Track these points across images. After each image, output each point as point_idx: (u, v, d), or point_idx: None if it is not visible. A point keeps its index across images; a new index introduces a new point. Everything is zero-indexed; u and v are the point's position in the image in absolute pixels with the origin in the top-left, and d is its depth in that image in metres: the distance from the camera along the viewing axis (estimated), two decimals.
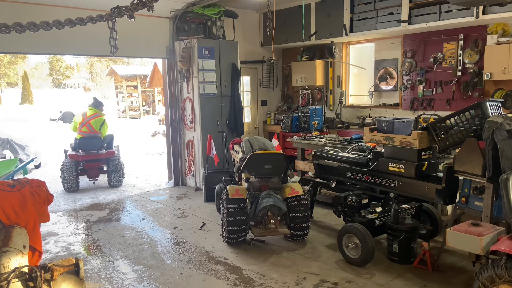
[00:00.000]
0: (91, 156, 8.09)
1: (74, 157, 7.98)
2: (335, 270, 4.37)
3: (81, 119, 8.27)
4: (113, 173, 8.23)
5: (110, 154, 8.21)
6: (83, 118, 8.28)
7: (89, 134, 8.17)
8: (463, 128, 4.09)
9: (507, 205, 3.02)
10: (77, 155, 8.00)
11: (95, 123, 8.29)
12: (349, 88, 8.82)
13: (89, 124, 8.21)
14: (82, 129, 8.20)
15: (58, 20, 2.92)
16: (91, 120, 8.27)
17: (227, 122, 7.87)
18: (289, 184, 5.21)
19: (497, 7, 5.76)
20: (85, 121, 8.24)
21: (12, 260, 2.85)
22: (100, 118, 8.38)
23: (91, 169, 8.24)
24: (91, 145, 8.16)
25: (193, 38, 7.50)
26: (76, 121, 8.34)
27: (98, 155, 8.13)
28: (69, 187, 7.98)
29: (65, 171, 7.92)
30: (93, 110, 8.38)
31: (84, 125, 8.22)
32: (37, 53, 7.15)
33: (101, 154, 8.14)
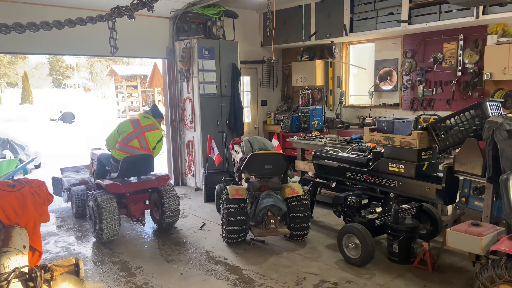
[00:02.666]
0: (140, 185, 5.44)
1: (116, 188, 5.19)
2: (335, 270, 4.37)
3: (130, 128, 5.48)
4: (168, 207, 5.53)
5: (164, 181, 5.61)
6: (133, 127, 5.51)
7: (139, 151, 5.44)
8: (463, 128, 4.09)
9: (507, 205, 3.02)
10: (119, 184, 5.23)
11: (152, 137, 5.56)
12: (349, 88, 8.82)
13: (143, 138, 5.47)
14: (131, 144, 5.41)
15: (58, 20, 2.91)
16: (147, 132, 5.53)
17: (227, 122, 7.87)
18: (289, 184, 5.21)
19: (497, 7, 5.76)
20: (137, 131, 5.48)
21: (12, 260, 2.85)
22: (158, 132, 5.71)
23: (135, 203, 5.53)
24: (142, 168, 5.51)
25: (193, 38, 7.50)
26: (121, 131, 5.50)
27: (148, 182, 5.50)
28: (109, 234, 5.08)
29: (102, 212, 4.99)
30: (150, 119, 5.64)
31: (136, 138, 5.44)
32: (37, 53, 7.15)
33: (152, 180, 5.51)
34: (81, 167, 7.62)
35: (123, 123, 5.59)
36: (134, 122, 5.56)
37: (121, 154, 5.37)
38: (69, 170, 7.44)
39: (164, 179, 5.60)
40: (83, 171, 7.48)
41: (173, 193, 5.61)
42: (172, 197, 5.57)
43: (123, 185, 5.27)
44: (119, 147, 5.42)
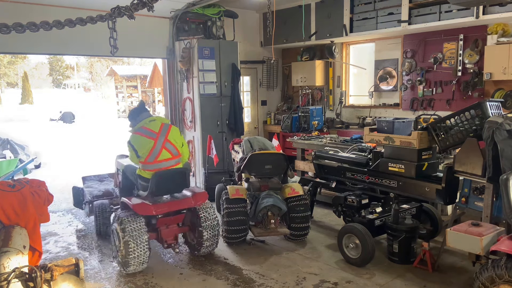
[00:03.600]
0: (175, 204, 4.48)
1: (146, 209, 4.29)
2: (335, 270, 4.37)
3: (150, 143, 4.39)
4: (206, 231, 4.57)
5: (202, 199, 4.62)
6: (151, 139, 4.41)
7: (172, 161, 4.52)
8: (463, 128, 4.09)
9: (507, 205, 3.02)
10: (149, 205, 4.31)
11: (174, 137, 4.56)
12: (349, 88, 8.82)
13: (168, 144, 4.48)
14: (161, 157, 4.43)
15: (58, 20, 2.92)
16: (168, 135, 4.51)
17: (227, 122, 7.87)
18: (289, 184, 5.21)
19: (497, 7, 5.75)
20: (159, 141, 4.43)
21: (12, 260, 2.86)
22: (175, 129, 4.68)
23: (167, 226, 4.62)
24: (176, 184, 4.57)
25: (193, 38, 7.49)
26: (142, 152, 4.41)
27: (184, 201, 4.52)
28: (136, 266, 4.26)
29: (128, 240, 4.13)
30: (156, 120, 4.62)
31: (163, 148, 4.43)
32: (37, 53, 7.15)
33: (188, 199, 4.53)
34: (105, 176, 6.72)
35: (136, 142, 4.42)
36: (146, 133, 4.43)
37: (151, 173, 4.42)
38: (91, 179, 6.57)
39: (201, 196, 4.61)
40: (107, 180, 6.57)
41: (213, 214, 4.65)
42: (211, 219, 4.61)
43: (154, 205, 4.31)
44: (147, 167, 4.42)
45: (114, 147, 14.38)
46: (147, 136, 4.43)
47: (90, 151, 13.83)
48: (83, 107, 30.90)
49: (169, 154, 4.49)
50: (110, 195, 5.84)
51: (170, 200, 4.54)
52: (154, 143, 4.41)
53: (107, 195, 5.85)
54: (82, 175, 6.66)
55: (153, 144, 4.40)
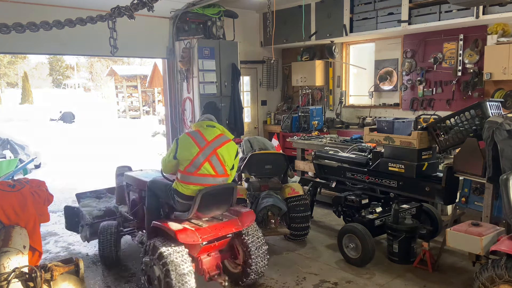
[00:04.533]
0: (223, 228, 3.72)
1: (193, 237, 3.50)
2: (335, 270, 4.37)
3: (195, 149, 3.73)
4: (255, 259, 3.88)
5: (250, 220, 3.90)
6: (198, 145, 3.75)
7: (214, 179, 3.79)
8: (463, 128, 4.09)
9: (507, 205, 3.02)
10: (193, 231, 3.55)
11: (227, 154, 3.87)
12: (349, 88, 8.82)
13: (215, 158, 3.77)
14: (202, 171, 3.72)
15: (58, 20, 2.92)
16: (219, 148, 3.81)
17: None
18: (289, 184, 5.21)
19: (497, 7, 5.75)
20: (205, 151, 3.74)
21: (12, 260, 2.86)
22: (232, 145, 3.98)
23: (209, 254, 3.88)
24: (221, 204, 3.91)
25: (193, 38, 7.49)
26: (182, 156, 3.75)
27: (232, 224, 3.78)
28: None
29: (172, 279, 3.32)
30: (216, 127, 4.00)
31: (206, 161, 3.73)
32: (37, 53, 7.15)
33: (235, 221, 3.81)
34: (102, 191, 5.78)
35: (182, 142, 3.79)
36: (197, 137, 3.79)
37: (190, 187, 3.70)
38: (87, 197, 5.57)
39: (249, 217, 3.88)
40: (105, 197, 5.66)
41: (261, 236, 3.98)
42: (260, 244, 3.91)
43: (198, 230, 3.55)
44: (185, 178, 3.72)
45: (114, 147, 14.39)
46: (195, 140, 3.77)
47: (90, 151, 13.82)
48: (83, 107, 30.89)
49: (212, 170, 3.73)
50: (113, 215, 5.01)
51: (215, 222, 3.73)
52: (200, 151, 3.70)
53: (109, 214, 5.00)
54: (76, 193, 5.67)
55: (196, 153, 3.69)
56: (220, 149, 3.81)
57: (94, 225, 4.77)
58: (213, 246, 3.85)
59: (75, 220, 5.18)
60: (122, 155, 12.56)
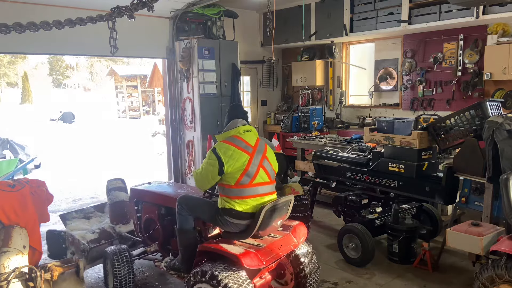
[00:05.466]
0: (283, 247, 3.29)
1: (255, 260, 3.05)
2: (335, 270, 4.37)
3: (244, 157, 3.23)
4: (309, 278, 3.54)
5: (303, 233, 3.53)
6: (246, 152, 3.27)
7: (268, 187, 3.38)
8: (463, 128, 4.09)
9: (507, 205, 3.02)
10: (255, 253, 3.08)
11: (274, 159, 3.51)
12: (349, 88, 8.82)
13: (267, 163, 3.38)
14: (257, 180, 3.28)
15: (58, 20, 2.91)
16: (266, 152, 3.42)
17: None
18: (289, 184, 5.20)
19: (497, 7, 5.75)
20: (256, 157, 3.30)
21: (12, 260, 2.86)
22: (271, 149, 3.55)
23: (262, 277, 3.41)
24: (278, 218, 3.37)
25: (193, 38, 7.49)
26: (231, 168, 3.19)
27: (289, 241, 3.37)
28: None
29: None
30: (252, 131, 3.44)
31: (260, 167, 3.30)
32: (37, 53, 7.15)
33: (290, 238, 3.40)
34: (90, 209, 5.04)
35: (225, 152, 3.20)
36: (240, 144, 3.27)
37: (249, 202, 3.21)
38: (74, 217, 4.75)
39: (302, 230, 3.50)
40: (94, 216, 4.94)
41: (312, 251, 3.62)
42: (313, 259, 3.59)
43: (259, 252, 3.10)
44: (239, 192, 3.22)
45: (114, 148, 14.39)
46: (241, 148, 3.24)
47: (90, 151, 13.82)
48: (83, 107, 30.90)
49: (267, 176, 3.33)
50: (110, 237, 4.41)
51: (269, 241, 3.28)
52: (250, 158, 3.23)
53: (105, 237, 4.38)
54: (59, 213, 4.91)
55: (248, 160, 3.21)
56: (267, 153, 3.40)
57: (92, 250, 4.15)
58: (268, 268, 3.38)
59: (62, 246, 4.44)
60: (121, 155, 12.56)
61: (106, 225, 4.58)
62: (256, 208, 3.21)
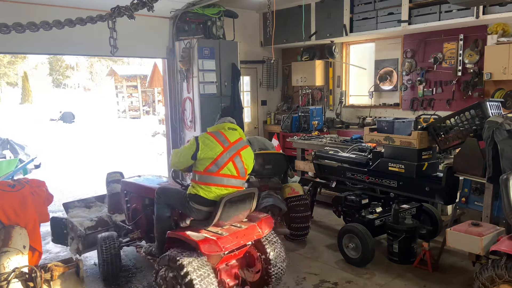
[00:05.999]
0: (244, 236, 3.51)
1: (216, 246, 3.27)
2: (335, 270, 4.37)
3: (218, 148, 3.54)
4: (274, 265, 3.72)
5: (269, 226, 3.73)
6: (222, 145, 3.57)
7: (235, 181, 3.62)
8: (463, 128, 4.09)
9: (507, 205, 3.02)
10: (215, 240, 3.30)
11: (249, 159, 3.77)
12: (349, 88, 8.82)
13: (239, 159, 3.62)
14: (224, 171, 3.55)
15: (58, 20, 2.92)
16: (242, 150, 3.68)
17: None
18: (289, 184, 5.21)
19: (497, 7, 5.75)
20: (230, 151, 3.58)
21: (12, 260, 2.86)
22: (250, 151, 3.82)
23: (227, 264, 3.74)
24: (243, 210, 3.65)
25: (193, 38, 7.49)
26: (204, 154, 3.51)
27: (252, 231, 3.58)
28: None
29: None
30: (237, 131, 3.82)
31: (230, 161, 3.56)
32: (37, 53, 7.15)
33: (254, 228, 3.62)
34: (91, 199, 5.44)
35: (204, 140, 3.56)
36: (219, 137, 3.61)
37: (213, 189, 3.47)
38: (75, 206, 5.16)
39: (268, 223, 3.71)
40: (95, 205, 5.32)
41: (279, 242, 3.83)
42: (279, 250, 3.78)
43: (221, 239, 3.31)
44: (206, 179, 3.50)
45: (114, 147, 14.40)
46: (218, 140, 3.58)
47: (90, 151, 13.82)
48: (83, 107, 30.90)
49: (235, 171, 3.57)
50: (106, 225, 4.70)
51: (234, 230, 3.51)
52: (223, 151, 3.52)
53: (102, 224, 4.67)
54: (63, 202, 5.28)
55: (220, 152, 3.50)
56: (243, 151, 3.66)
57: (88, 236, 4.44)
58: (233, 256, 3.63)
59: (63, 232, 4.80)
60: (121, 155, 12.56)
61: (104, 214, 4.89)
62: (219, 197, 3.45)
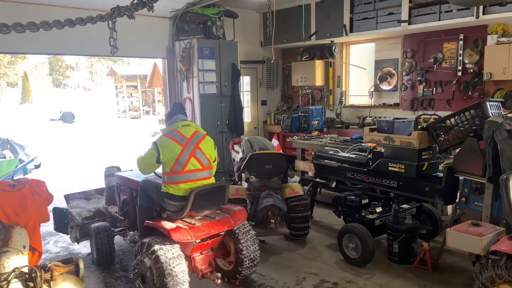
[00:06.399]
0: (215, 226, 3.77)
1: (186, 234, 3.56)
2: (335, 270, 4.37)
3: (177, 148, 3.78)
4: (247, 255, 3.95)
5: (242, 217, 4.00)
6: (180, 143, 3.81)
7: (202, 173, 3.91)
8: (463, 128, 4.09)
9: (507, 205, 3.02)
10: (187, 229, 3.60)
11: (209, 148, 4.03)
12: (349, 88, 8.82)
13: (199, 152, 3.88)
14: (189, 167, 3.80)
15: (58, 20, 2.92)
16: (200, 142, 3.94)
17: (227, 122, 7.87)
18: (289, 184, 5.20)
19: (497, 7, 5.75)
20: (188, 147, 3.83)
21: (12, 260, 2.86)
22: (209, 140, 4.11)
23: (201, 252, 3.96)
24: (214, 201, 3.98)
25: (193, 38, 7.50)
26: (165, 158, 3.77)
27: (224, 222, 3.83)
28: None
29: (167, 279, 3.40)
30: (191, 126, 4.05)
31: (192, 156, 3.82)
32: (37, 53, 7.15)
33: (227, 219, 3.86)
34: (91, 192, 5.77)
35: (162, 144, 3.78)
36: (176, 136, 3.83)
37: (181, 186, 3.76)
38: (76, 198, 5.50)
39: (241, 215, 3.96)
40: (94, 197, 5.66)
41: (252, 234, 4.05)
42: (251, 241, 4.01)
43: (193, 229, 3.61)
44: (173, 178, 3.77)
45: (114, 147, 14.40)
46: (176, 140, 3.80)
47: (90, 151, 13.82)
48: (83, 107, 30.90)
49: (199, 164, 3.83)
50: (103, 215, 5.02)
51: (207, 221, 3.79)
52: (182, 149, 3.77)
53: (99, 215, 4.99)
54: (64, 193, 5.57)
55: (180, 151, 3.76)
56: (201, 143, 3.93)
57: (84, 226, 4.76)
58: (206, 245, 3.92)
59: (64, 221, 5.13)
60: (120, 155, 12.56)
61: (101, 205, 5.20)
62: (188, 191, 3.73)
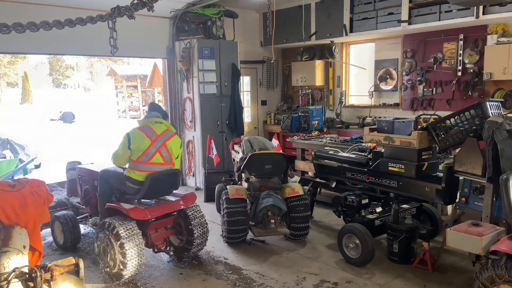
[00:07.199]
0: (167, 207, 4.43)
1: (141, 213, 4.17)
2: (335, 270, 4.37)
3: (147, 141, 4.32)
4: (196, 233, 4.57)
5: (191, 200, 4.64)
6: (150, 138, 4.34)
7: (164, 167, 4.43)
8: (463, 128, 4.09)
9: (507, 205, 3.02)
10: (143, 209, 4.21)
11: (174, 146, 4.52)
12: (349, 88, 8.82)
13: (165, 149, 4.41)
14: (154, 160, 4.35)
15: (58, 20, 2.92)
16: (168, 141, 4.45)
17: (227, 122, 7.87)
18: (289, 184, 5.21)
19: (497, 7, 5.76)
20: (156, 143, 4.36)
21: (12, 260, 2.85)
22: (177, 138, 4.62)
23: (156, 230, 4.58)
24: (167, 187, 4.55)
25: (193, 38, 7.50)
26: (135, 147, 4.29)
27: (175, 204, 4.49)
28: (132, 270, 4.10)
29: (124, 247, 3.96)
30: (163, 124, 4.53)
31: (157, 152, 4.36)
32: (37, 53, 7.15)
33: (178, 201, 4.51)
34: (53, 184, 6.33)
35: (134, 135, 4.32)
36: (148, 132, 4.35)
37: (142, 174, 4.28)
38: None
39: (191, 198, 4.61)
40: (56, 190, 6.13)
41: (202, 215, 4.68)
42: (201, 222, 4.63)
43: (147, 209, 4.23)
44: (138, 167, 4.30)
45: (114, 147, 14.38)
46: (147, 134, 4.34)
47: (90, 151, 13.82)
48: (83, 107, 30.90)
49: (162, 159, 4.39)
50: (64, 206, 5.48)
51: (162, 203, 4.43)
52: (151, 144, 4.32)
53: (60, 205, 5.46)
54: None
55: (149, 145, 4.30)
56: (169, 142, 4.45)
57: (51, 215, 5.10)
58: (161, 223, 4.54)
59: None
60: None
61: (63, 197, 5.66)
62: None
